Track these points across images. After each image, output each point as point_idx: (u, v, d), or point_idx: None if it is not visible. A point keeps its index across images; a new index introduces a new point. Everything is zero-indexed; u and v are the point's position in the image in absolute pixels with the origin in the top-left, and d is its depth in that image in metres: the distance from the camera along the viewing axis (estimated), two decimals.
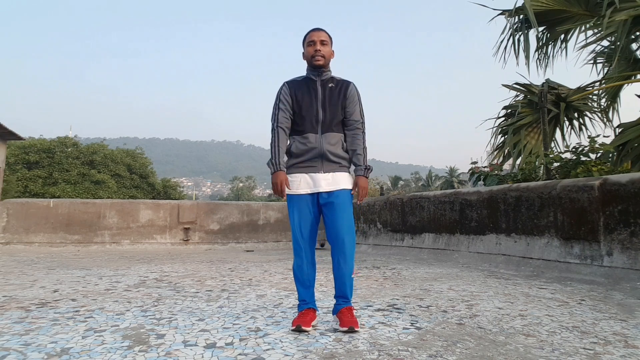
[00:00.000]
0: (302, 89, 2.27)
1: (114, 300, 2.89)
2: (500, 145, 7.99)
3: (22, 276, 4.00)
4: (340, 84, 2.30)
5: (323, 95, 2.24)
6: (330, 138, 2.22)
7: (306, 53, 2.26)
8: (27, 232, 7.51)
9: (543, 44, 7.52)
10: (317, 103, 2.23)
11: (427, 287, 3.45)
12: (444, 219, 5.98)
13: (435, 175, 61.18)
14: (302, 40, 2.30)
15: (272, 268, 4.79)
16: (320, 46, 2.22)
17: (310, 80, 2.29)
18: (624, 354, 1.77)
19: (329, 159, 2.21)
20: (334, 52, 2.30)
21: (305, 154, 2.21)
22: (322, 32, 2.25)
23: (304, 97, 2.25)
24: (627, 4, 5.82)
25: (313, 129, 2.22)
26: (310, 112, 2.22)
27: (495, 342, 1.93)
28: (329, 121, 2.22)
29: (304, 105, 2.23)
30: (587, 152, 5.68)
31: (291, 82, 2.31)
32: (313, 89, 2.26)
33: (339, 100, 2.25)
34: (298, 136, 2.25)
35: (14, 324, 2.24)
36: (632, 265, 3.53)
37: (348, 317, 2.13)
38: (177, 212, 8.28)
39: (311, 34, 2.25)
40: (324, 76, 2.28)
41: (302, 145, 2.22)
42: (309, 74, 2.30)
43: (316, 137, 2.21)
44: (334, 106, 2.24)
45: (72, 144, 26.69)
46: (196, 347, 1.85)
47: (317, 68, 2.25)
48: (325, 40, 2.24)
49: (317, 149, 2.20)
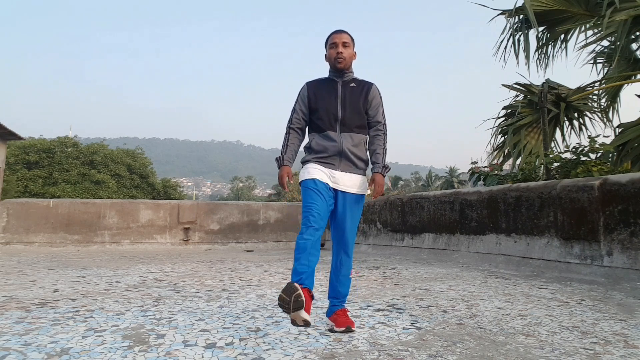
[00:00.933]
0: (322, 89, 2.28)
1: (114, 300, 2.89)
2: (500, 145, 7.99)
3: (22, 276, 4.00)
4: (361, 84, 2.30)
5: (343, 94, 2.25)
6: (351, 138, 2.21)
7: (328, 55, 2.27)
8: (27, 232, 7.51)
9: (543, 44, 7.52)
10: (337, 102, 2.23)
11: (427, 287, 3.45)
12: (444, 219, 5.97)
13: (435, 175, 61.19)
14: (325, 42, 2.31)
15: (272, 268, 4.79)
16: (342, 48, 2.23)
17: (332, 81, 2.30)
18: (624, 354, 1.77)
19: (348, 157, 2.20)
20: (356, 54, 2.31)
21: (325, 151, 2.20)
22: (344, 34, 2.26)
23: (324, 95, 2.26)
24: (627, 4, 5.82)
25: (332, 127, 2.21)
26: (330, 110, 2.22)
27: (495, 342, 1.93)
28: (349, 120, 2.22)
29: (323, 103, 2.24)
30: (587, 152, 5.68)
31: (312, 82, 2.33)
32: (333, 89, 2.27)
33: (359, 101, 2.25)
34: (318, 133, 2.26)
35: (14, 324, 2.24)
36: (632, 265, 3.53)
37: (343, 318, 2.14)
38: (177, 212, 8.28)
39: (333, 36, 2.26)
40: (346, 77, 2.29)
41: (322, 142, 2.22)
42: (331, 75, 2.31)
43: (336, 135, 2.20)
44: (354, 106, 2.24)
45: (72, 144, 26.69)
46: (196, 347, 1.85)
47: (339, 70, 2.26)
48: (347, 42, 2.25)
49: (336, 146, 2.19)
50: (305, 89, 2.31)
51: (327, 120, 2.22)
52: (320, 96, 2.26)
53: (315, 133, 2.27)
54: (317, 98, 2.26)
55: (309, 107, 2.28)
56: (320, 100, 2.25)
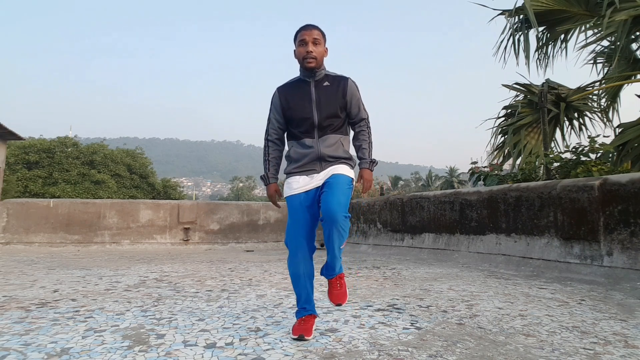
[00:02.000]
0: (294, 93, 2.15)
1: (114, 300, 2.89)
2: (500, 145, 7.99)
3: (22, 276, 4.00)
4: (336, 81, 2.15)
5: (317, 96, 2.11)
6: (327, 141, 2.11)
7: (297, 53, 2.11)
8: (27, 232, 7.51)
9: (543, 44, 7.52)
10: (312, 106, 2.10)
11: (427, 287, 3.45)
12: (444, 219, 5.97)
13: (435, 175, 61.20)
14: (293, 37, 2.14)
15: (272, 268, 4.79)
16: (312, 46, 2.07)
17: (303, 82, 2.16)
18: (624, 354, 1.77)
19: (327, 160, 2.11)
20: (327, 50, 2.16)
21: (303, 158, 2.11)
22: (314, 30, 2.09)
23: (297, 101, 2.13)
24: (627, 4, 5.82)
25: (309, 134, 2.11)
26: (305, 116, 2.10)
27: (495, 342, 1.93)
28: (326, 123, 2.11)
29: (297, 110, 2.12)
30: (587, 152, 5.68)
31: (283, 88, 2.19)
32: (306, 92, 2.13)
33: (336, 100, 2.12)
34: (295, 141, 2.16)
35: (14, 324, 2.24)
36: (632, 265, 3.53)
37: (337, 287, 2.12)
38: (177, 212, 8.28)
39: (302, 33, 2.09)
40: (318, 76, 2.14)
41: (299, 150, 2.13)
42: (301, 75, 2.17)
43: (313, 141, 2.11)
44: (331, 106, 2.11)
45: (72, 144, 26.69)
46: (196, 347, 1.85)
47: (310, 70, 2.11)
48: (318, 39, 2.09)
49: (314, 152, 2.10)
50: (276, 96, 2.18)
51: (304, 127, 2.11)
52: (294, 102, 2.13)
53: (293, 141, 2.18)
54: (290, 105, 2.14)
55: (284, 115, 2.17)
56: (293, 107, 2.13)
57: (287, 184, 2.16)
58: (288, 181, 2.17)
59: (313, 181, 2.11)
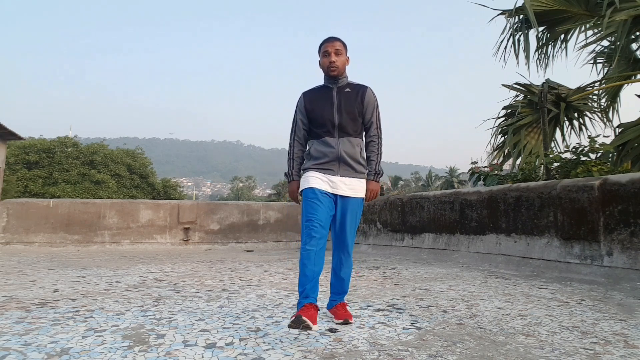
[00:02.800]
0: (317, 97, 2.35)
1: (114, 300, 2.89)
2: (500, 145, 7.99)
3: (22, 276, 4.00)
4: (356, 89, 2.36)
5: (339, 100, 2.30)
6: (348, 142, 2.28)
7: (322, 63, 2.33)
8: (27, 232, 7.51)
9: (543, 44, 7.52)
10: (333, 108, 2.29)
11: (427, 287, 3.45)
12: (444, 219, 5.98)
13: (435, 175, 61.20)
14: (318, 49, 2.36)
15: (272, 268, 4.79)
16: (335, 57, 2.28)
17: (327, 88, 2.36)
18: (624, 354, 1.77)
19: (346, 162, 2.27)
20: (349, 59, 2.36)
21: (323, 157, 2.27)
22: (336, 42, 2.31)
23: (320, 103, 2.32)
24: (627, 4, 5.81)
25: (330, 134, 2.28)
26: (326, 117, 2.28)
27: (495, 342, 1.93)
28: (346, 125, 2.28)
29: (320, 111, 2.30)
30: (587, 152, 5.67)
31: (308, 92, 2.40)
32: (329, 96, 2.33)
33: (355, 104, 2.31)
34: (316, 140, 2.32)
35: (14, 324, 2.24)
36: (632, 265, 3.53)
37: (342, 311, 2.32)
38: (177, 212, 8.28)
39: (325, 45, 2.31)
40: (340, 83, 2.35)
41: (320, 148, 2.29)
42: (325, 82, 2.37)
43: (333, 141, 2.27)
44: (350, 110, 2.29)
45: (72, 144, 26.69)
46: (196, 347, 1.85)
47: (333, 77, 2.32)
48: (340, 50, 2.30)
49: (334, 152, 2.26)
50: (301, 99, 2.39)
51: (325, 127, 2.28)
52: (317, 104, 2.33)
53: (313, 139, 2.35)
54: (313, 106, 2.33)
55: (307, 116, 2.35)
56: (316, 108, 2.32)
57: (304, 178, 2.30)
58: (305, 176, 2.30)
59: (331, 185, 2.26)
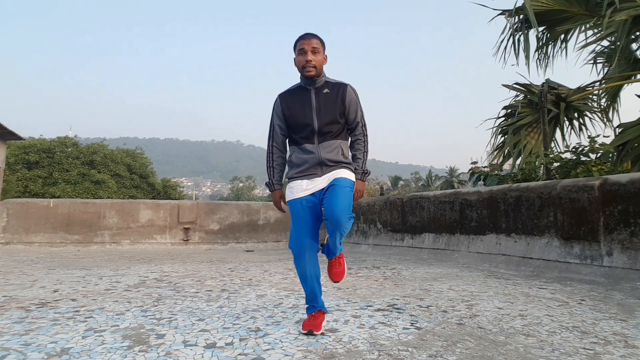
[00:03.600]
0: (295, 100, 2.21)
1: (114, 300, 2.89)
2: (500, 145, 7.99)
3: (22, 276, 4.00)
4: (335, 88, 2.21)
5: (317, 103, 2.17)
6: (328, 146, 2.17)
7: (297, 62, 2.17)
8: (27, 232, 7.51)
9: (543, 44, 7.52)
10: (312, 113, 2.16)
11: (427, 287, 3.45)
12: (444, 219, 5.97)
13: (435, 175, 61.21)
14: (293, 45, 2.19)
15: (272, 268, 4.79)
16: (312, 55, 2.12)
17: (304, 90, 2.21)
18: (624, 354, 1.77)
19: (328, 165, 2.16)
20: (326, 57, 2.21)
21: (305, 164, 2.17)
22: (312, 39, 2.14)
23: (298, 108, 2.19)
24: (627, 4, 5.82)
25: (309, 140, 2.17)
26: (305, 122, 2.16)
27: (495, 342, 1.93)
28: (326, 129, 2.16)
29: (298, 116, 2.18)
30: (587, 152, 5.68)
31: (284, 95, 2.25)
32: (307, 99, 2.19)
33: (335, 107, 2.18)
34: (296, 147, 2.22)
35: (14, 324, 2.24)
36: (632, 265, 3.53)
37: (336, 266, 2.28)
38: (177, 212, 8.28)
39: (301, 42, 2.14)
40: (318, 84, 2.20)
41: (301, 155, 2.19)
42: (302, 83, 2.23)
43: (314, 147, 2.17)
44: (330, 113, 2.17)
45: (72, 144, 26.70)
46: (196, 347, 1.85)
47: (310, 78, 2.17)
48: (317, 48, 2.14)
49: (315, 157, 2.16)
50: (278, 103, 2.24)
51: (304, 133, 2.17)
52: (294, 109, 2.19)
53: (294, 146, 2.24)
54: (291, 111, 2.20)
55: (286, 121, 2.23)
56: (294, 114, 2.19)
57: (289, 188, 2.22)
58: (290, 185, 2.22)
59: (315, 184, 2.17)
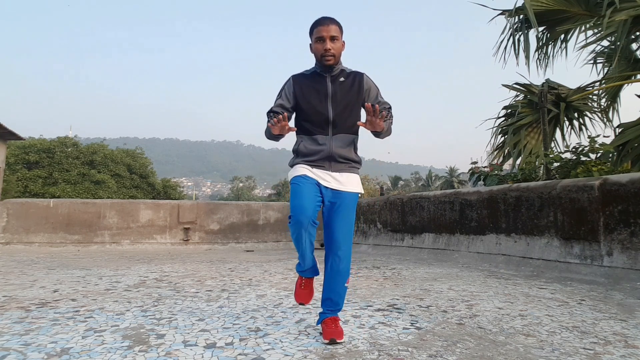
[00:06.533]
0: (309, 86, 2.07)
1: (114, 300, 2.89)
2: (500, 145, 7.99)
3: (22, 276, 4.00)
4: (351, 77, 2.09)
5: (334, 92, 2.05)
6: (341, 140, 2.05)
7: (314, 49, 2.04)
8: (27, 232, 7.51)
9: (543, 44, 7.52)
10: (327, 101, 2.04)
11: (427, 287, 3.45)
12: (444, 219, 5.98)
13: (435, 175, 61.23)
14: (310, 30, 2.05)
15: (272, 268, 4.79)
16: (330, 43, 1.99)
17: (320, 76, 2.08)
18: (624, 354, 1.77)
19: (337, 160, 2.05)
20: (344, 44, 2.08)
21: (313, 155, 2.04)
22: (331, 26, 2.00)
23: (312, 94, 2.06)
24: (627, 4, 5.82)
25: (323, 130, 2.04)
26: (319, 111, 2.04)
27: (495, 342, 1.93)
28: (341, 120, 2.04)
29: (312, 103, 2.05)
30: (587, 152, 5.68)
31: (298, 77, 2.11)
32: (322, 86, 2.06)
33: (351, 96, 2.06)
34: (306, 136, 2.07)
35: (14, 324, 2.24)
36: (632, 265, 3.53)
37: (332, 327, 1.95)
38: (177, 212, 8.28)
39: (320, 29, 2.00)
40: (335, 71, 2.07)
41: (310, 146, 2.05)
42: (317, 68, 2.09)
43: (326, 139, 2.04)
44: (347, 103, 2.05)
45: (72, 144, 26.72)
46: (196, 347, 1.85)
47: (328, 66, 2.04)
48: (336, 36, 2.01)
49: (325, 150, 2.03)
50: (290, 83, 2.09)
51: (317, 122, 2.04)
52: (308, 94, 2.06)
53: (303, 135, 2.09)
54: (304, 96, 2.06)
55: (296, 105, 2.08)
56: (308, 99, 2.05)
57: (294, 169, 2.07)
58: (295, 167, 2.08)
59: (320, 177, 2.03)
